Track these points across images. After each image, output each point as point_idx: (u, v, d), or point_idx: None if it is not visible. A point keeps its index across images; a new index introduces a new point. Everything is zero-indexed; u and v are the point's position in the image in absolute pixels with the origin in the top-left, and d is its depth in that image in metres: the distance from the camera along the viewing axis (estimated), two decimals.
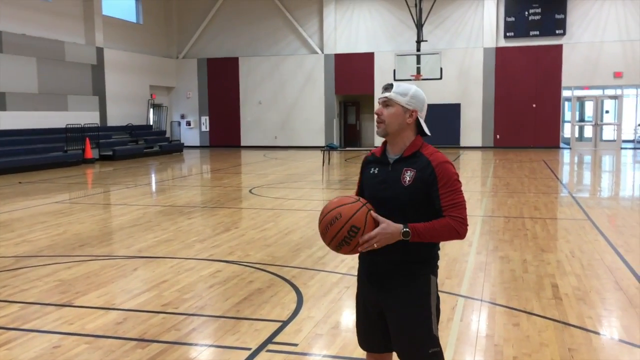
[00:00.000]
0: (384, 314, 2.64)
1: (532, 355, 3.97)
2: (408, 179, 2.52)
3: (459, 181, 2.52)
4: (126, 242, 7.67)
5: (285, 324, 4.59)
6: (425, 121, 2.64)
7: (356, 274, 2.84)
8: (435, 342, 2.57)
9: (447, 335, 4.32)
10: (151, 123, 26.65)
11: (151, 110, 26.73)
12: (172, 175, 17.21)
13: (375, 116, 2.60)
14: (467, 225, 2.49)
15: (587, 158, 20.82)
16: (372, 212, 2.48)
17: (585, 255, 6.67)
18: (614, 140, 24.38)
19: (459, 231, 2.46)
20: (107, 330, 4.48)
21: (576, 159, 20.84)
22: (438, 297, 2.63)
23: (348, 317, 4.80)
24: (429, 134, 2.61)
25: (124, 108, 24.40)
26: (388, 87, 2.60)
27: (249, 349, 4.10)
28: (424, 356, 2.55)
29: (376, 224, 2.45)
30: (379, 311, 2.65)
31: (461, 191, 2.52)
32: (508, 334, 4.35)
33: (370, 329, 2.72)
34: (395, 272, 2.58)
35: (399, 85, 2.59)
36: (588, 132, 25.21)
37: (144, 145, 23.73)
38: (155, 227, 8.57)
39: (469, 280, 5.73)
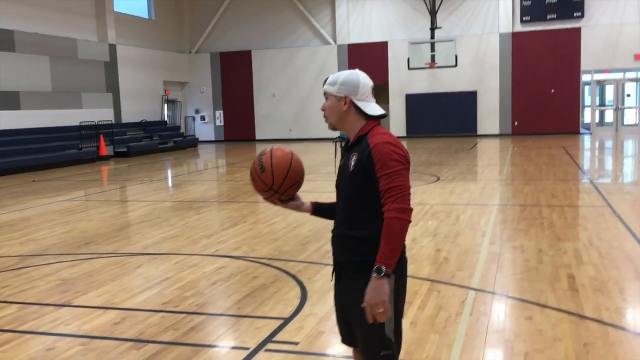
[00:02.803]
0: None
1: (545, 351, 3.75)
2: (352, 164, 2.43)
3: (399, 162, 2.31)
4: (132, 239, 7.58)
5: (287, 321, 4.42)
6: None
7: None
8: (387, 344, 2.41)
9: (455, 330, 4.12)
10: (165, 119, 26.65)
11: (165, 105, 26.71)
12: (186, 170, 17.14)
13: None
14: (406, 213, 2.26)
15: (608, 143, 20.32)
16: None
17: (604, 244, 6.40)
18: (635, 125, 23.79)
19: (402, 226, 2.26)
20: (103, 330, 4.35)
21: (597, 144, 20.35)
22: (399, 296, 2.45)
23: None
24: (373, 114, 2.47)
25: (138, 104, 24.40)
26: (325, 81, 2.55)
27: (248, 348, 3.94)
28: (374, 358, 2.43)
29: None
30: (340, 303, 2.58)
31: (400, 173, 2.30)
32: (520, 328, 4.14)
33: (339, 322, 2.64)
34: (348, 265, 2.47)
35: (332, 76, 2.53)
36: (609, 116, 24.64)
37: (159, 141, 23.72)
38: (163, 223, 8.45)
39: (480, 272, 5.51)
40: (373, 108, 2.49)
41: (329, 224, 2.69)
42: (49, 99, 19.91)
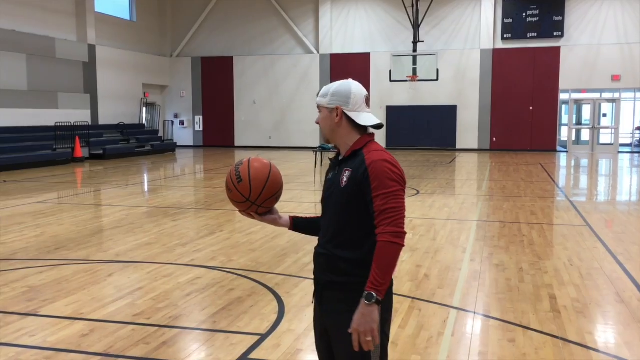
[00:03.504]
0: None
1: None
2: (345, 179, 2.29)
3: (397, 182, 2.20)
4: (105, 246, 7.34)
5: (263, 337, 4.27)
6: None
7: None
8: None
9: (437, 352, 4.01)
10: (144, 122, 26.29)
11: (144, 109, 26.37)
12: (162, 175, 16.86)
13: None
14: (400, 237, 2.16)
15: (584, 162, 20.54)
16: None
17: (584, 264, 6.36)
18: (611, 144, 24.13)
19: (396, 251, 2.15)
20: (70, 343, 4.15)
21: (573, 162, 20.56)
22: (386, 320, 2.33)
23: None
24: (365, 124, 2.35)
25: (116, 106, 24.03)
26: (318, 94, 2.44)
27: None
28: None
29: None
30: (321, 328, 2.42)
31: (397, 194, 2.19)
32: (503, 351, 4.04)
33: (320, 349, 2.47)
34: (332, 286, 2.31)
35: (324, 88, 2.42)
36: (585, 135, 24.96)
37: (136, 144, 23.37)
38: (138, 230, 8.23)
39: (462, 291, 5.41)
40: (365, 118, 2.35)
41: (309, 235, 2.58)
42: (25, 98, 19.48)
